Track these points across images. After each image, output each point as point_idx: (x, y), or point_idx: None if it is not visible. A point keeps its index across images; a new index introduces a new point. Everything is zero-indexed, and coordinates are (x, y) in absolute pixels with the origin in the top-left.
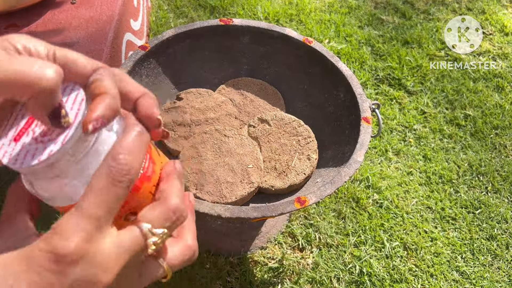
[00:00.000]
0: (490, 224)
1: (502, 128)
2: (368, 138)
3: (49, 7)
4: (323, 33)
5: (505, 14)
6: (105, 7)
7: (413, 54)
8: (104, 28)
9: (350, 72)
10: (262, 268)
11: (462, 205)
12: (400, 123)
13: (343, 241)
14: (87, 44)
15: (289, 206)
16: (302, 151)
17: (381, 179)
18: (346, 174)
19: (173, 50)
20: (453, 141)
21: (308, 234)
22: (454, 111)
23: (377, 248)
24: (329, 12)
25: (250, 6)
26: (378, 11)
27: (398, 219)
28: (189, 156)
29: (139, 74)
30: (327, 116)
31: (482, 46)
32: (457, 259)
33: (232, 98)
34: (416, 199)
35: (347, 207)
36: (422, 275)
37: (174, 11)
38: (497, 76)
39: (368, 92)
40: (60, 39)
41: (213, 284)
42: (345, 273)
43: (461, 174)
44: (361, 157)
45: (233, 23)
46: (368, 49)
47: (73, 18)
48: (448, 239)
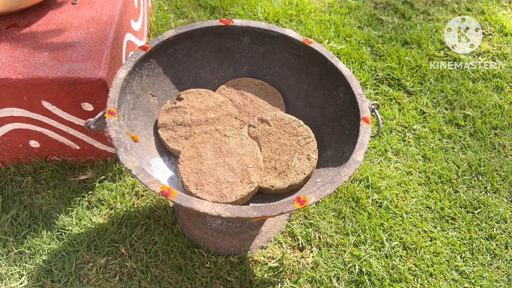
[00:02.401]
0: (489, 224)
1: (501, 128)
2: (368, 138)
3: (50, 7)
4: (323, 33)
5: (504, 14)
6: (106, 8)
7: (413, 55)
8: (104, 29)
9: (349, 72)
10: (262, 268)
11: (461, 205)
12: (400, 123)
13: (343, 241)
14: (88, 45)
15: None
16: (302, 151)
17: (380, 179)
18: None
19: (174, 50)
20: (452, 141)
21: (308, 233)
22: (454, 111)
23: (377, 248)
24: (329, 13)
25: (250, 7)
26: (378, 12)
27: (398, 218)
28: (189, 156)
29: (139, 74)
30: (326, 116)
31: (481, 46)
32: (457, 258)
33: (232, 98)
34: (416, 198)
35: (347, 207)
36: (422, 274)
37: (175, 11)
38: (496, 76)
39: (367, 92)
40: (61, 39)
41: (213, 284)
42: (345, 272)
43: (461, 174)
44: (361, 157)
45: (233, 23)
46: (368, 49)
47: (74, 18)
48: (448, 238)
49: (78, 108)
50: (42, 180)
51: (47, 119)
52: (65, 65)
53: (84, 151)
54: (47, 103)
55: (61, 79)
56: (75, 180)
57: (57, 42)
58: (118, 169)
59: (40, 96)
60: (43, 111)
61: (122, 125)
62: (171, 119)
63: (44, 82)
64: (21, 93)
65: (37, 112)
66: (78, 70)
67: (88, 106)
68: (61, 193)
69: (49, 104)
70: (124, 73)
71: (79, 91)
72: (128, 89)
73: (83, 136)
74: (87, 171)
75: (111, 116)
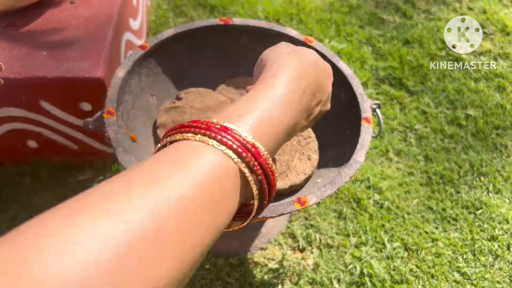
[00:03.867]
0: (491, 225)
1: (503, 128)
2: (369, 138)
3: (49, 6)
4: (323, 32)
5: (506, 14)
6: (105, 7)
7: (414, 54)
8: (103, 28)
9: (350, 72)
10: (262, 269)
11: (463, 206)
12: (401, 123)
13: (344, 242)
14: (86, 44)
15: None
16: (302, 151)
17: (381, 179)
18: (347, 175)
19: (173, 49)
20: (454, 141)
21: (308, 234)
22: (455, 111)
23: (378, 249)
24: (330, 12)
25: (250, 5)
26: (379, 11)
27: (399, 219)
28: None
29: (138, 73)
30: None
31: (483, 46)
32: (458, 259)
33: (232, 97)
34: (417, 199)
35: (348, 208)
36: (423, 276)
37: (174, 10)
38: (498, 76)
39: (368, 92)
40: (59, 38)
41: (213, 285)
42: (346, 274)
43: (462, 174)
44: (362, 157)
45: (233, 22)
46: (369, 48)
47: (72, 17)
48: (449, 239)
49: (77, 108)
50: (40, 180)
51: (45, 119)
52: (64, 65)
53: (82, 151)
54: (46, 102)
55: (60, 79)
56: (74, 180)
57: (55, 42)
58: (116, 169)
59: (38, 95)
60: (41, 111)
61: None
62: (170, 119)
63: (42, 81)
64: (19, 93)
65: (35, 112)
66: (77, 69)
67: (87, 105)
68: (60, 194)
69: (47, 104)
70: (123, 72)
71: (78, 91)
72: (127, 89)
73: (81, 136)
74: (86, 171)
75: (109, 116)
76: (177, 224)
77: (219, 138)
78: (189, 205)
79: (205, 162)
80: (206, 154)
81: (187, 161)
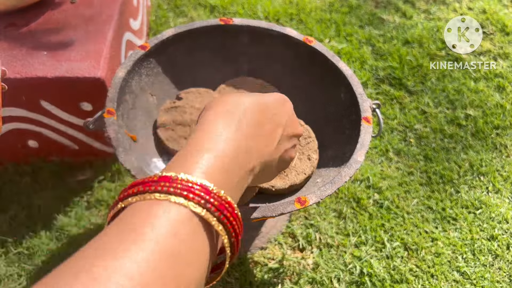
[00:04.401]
0: (491, 225)
1: (503, 128)
2: (369, 138)
3: (49, 6)
4: (323, 32)
5: (506, 13)
6: (105, 7)
7: (414, 54)
8: (103, 28)
9: (350, 72)
10: (262, 269)
11: (462, 205)
12: (401, 123)
13: (344, 242)
14: (87, 44)
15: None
16: (302, 151)
17: (381, 179)
18: (347, 174)
19: (173, 49)
20: (453, 141)
21: (308, 234)
22: (455, 111)
23: (378, 249)
24: (330, 12)
25: (250, 5)
26: (379, 11)
27: (399, 219)
28: None
29: (138, 73)
30: (327, 116)
31: (483, 46)
32: (458, 259)
33: None
34: (417, 199)
35: (348, 207)
36: (423, 275)
37: (174, 10)
38: (498, 76)
39: (368, 92)
40: (59, 38)
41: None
42: (346, 273)
43: (462, 174)
44: (362, 157)
45: (233, 22)
46: (369, 48)
47: (72, 17)
48: (449, 239)
49: (77, 107)
50: (40, 180)
51: (45, 118)
52: (64, 65)
53: (83, 151)
54: (46, 102)
55: (60, 79)
56: (74, 180)
57: (55, 42)
58: (117, 169)
59: (39, 95)
60: (41, 111)
61: (121, 124)
62: (170, 118)
63: (42, 81)
64: (20, 93)
65: (36, 111)
66: (77, 69)
67: (87, 105)
68: (60, 194)
69: (47, 104)
70: (123, 72)
71: (78, 91)
72: (127, 89)
73: (82, 136)
74: (86, 171)
75: (110, 115)
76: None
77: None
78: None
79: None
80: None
81: (143, 228)
